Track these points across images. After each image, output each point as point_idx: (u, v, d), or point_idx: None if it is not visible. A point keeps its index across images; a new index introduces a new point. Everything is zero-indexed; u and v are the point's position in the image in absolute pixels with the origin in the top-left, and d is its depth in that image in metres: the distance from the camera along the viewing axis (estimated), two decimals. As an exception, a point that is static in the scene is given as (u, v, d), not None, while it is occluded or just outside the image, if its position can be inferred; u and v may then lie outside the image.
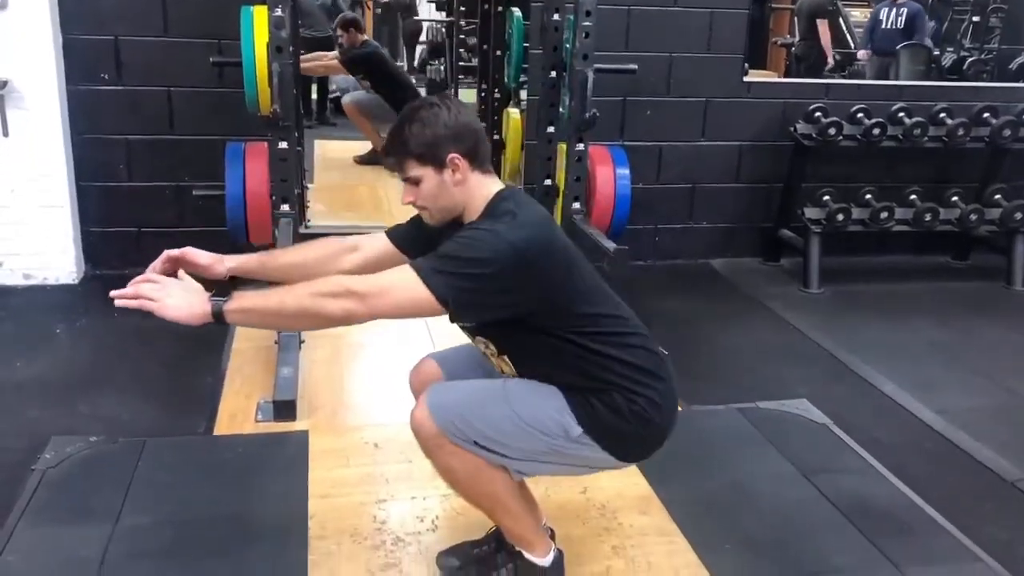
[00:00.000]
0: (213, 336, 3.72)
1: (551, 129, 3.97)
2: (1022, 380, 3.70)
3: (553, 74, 3.91)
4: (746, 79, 4.95)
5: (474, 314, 1.86)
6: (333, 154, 6.91)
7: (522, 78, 4.80)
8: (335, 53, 6.31)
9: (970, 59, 9.54)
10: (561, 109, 3.90)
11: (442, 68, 10.37)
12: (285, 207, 3.43)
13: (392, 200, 6.00)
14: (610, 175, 3.98)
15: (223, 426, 3.00)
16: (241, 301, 1.78)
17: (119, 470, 2.66)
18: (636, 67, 4.14)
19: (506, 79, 5.12)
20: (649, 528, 2.49)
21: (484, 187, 1.95)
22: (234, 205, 3.65)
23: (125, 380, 3.34)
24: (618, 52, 4.48)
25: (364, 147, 6.90)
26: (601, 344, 1.90)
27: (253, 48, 3.45)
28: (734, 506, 2.64)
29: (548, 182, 3.91)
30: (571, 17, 3.78)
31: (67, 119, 4.19)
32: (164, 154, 4.35)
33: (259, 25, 3.47)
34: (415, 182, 1.92)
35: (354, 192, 6.04)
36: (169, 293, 1.79)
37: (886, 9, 8.04)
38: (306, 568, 2.25)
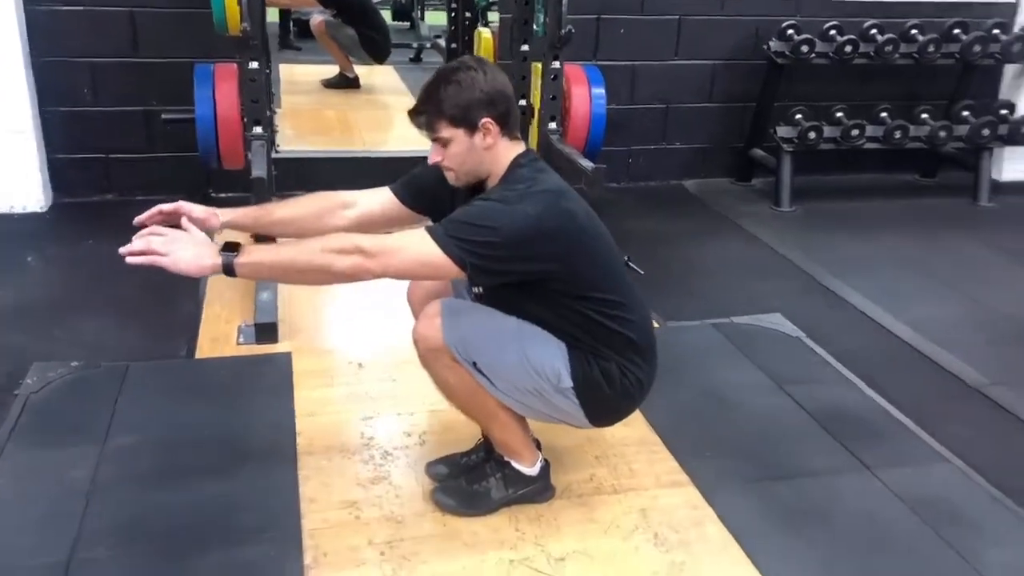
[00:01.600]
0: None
1: (525, 48, 3.92)
2: (988, 291, 3.80)
3: (526, -10, 3.85)
4: (719, -5, 4.91)
5: (489, 277, 1.90)
6: (299, 78, 6.77)
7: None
8: None
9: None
10: (535, 27, 3.84)
11: (407, -9, 10.16)
12: (258, 129, 3.37)
13: (361, 124, 5.93)
14: (585, 94, 3.95)
15: (205, 350, 3.00)
16: (251, 255, 1.80)
17: (103, 394, 2.67)
18: (610, -17, 4.09)
19: (476, -1, 5.05)
20: (631, 439, 2.56)
21: (511, 152, 1.97)
22: (204, 129, 3.59)
23: (102, 307, 3.32)
24: (591, -31, 4.42)
25: (330, 71, 6.79)
26: (606, 318, 1.96)
27: (219, -34, 3.36)
28: (712, 416, 2.72)
29: (523, 102, 3.87)
30: (544, -68, 3.71)
31: (26, 41, 4.06)
32: (130, 77, 4.25)
33: (225, -58, 3.37)
34: (444, 143, 1.95)
35: (322, 116, 5.94)
36: (179, 247, 1.78)
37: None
38: (297, 483, 2.29)
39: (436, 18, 9.48)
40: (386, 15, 9.17)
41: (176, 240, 1.80)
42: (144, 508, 2.18)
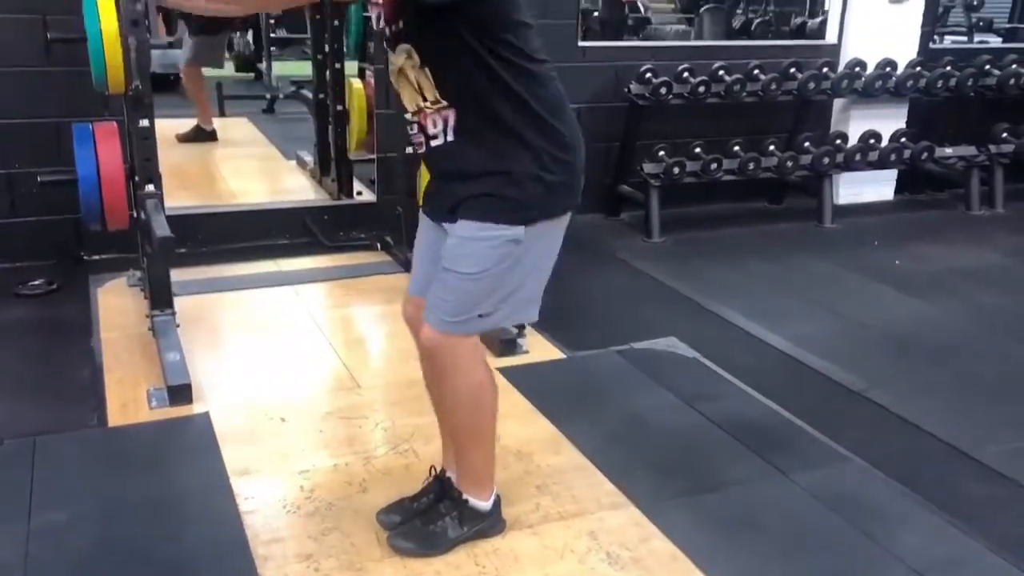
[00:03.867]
0: (72, 328, 3.56)
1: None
2: (847, 304, 4.17)
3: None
4: (580, 44, 5.19)
5: None
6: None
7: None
8: None
9: (756, 20, 10.32)
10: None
11: (250, 40, 10.05)
12: (150, 187, 3.30)
13: (229, 177, 5.85)
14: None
15: (116, 416, 2.89)
16: None
17: (15, 471, 2.53)
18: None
19: (345, 48, 5.09)
20: (565, 466, 2.66)
21: None
22: (88, 189, 3.45)
23: (-12, 382, 3.14)
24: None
25: (181, 125, 6.65)
26: (530, 86, 1.92)
27: (99, 23, 3.27)
28: (633, 437, 2.87)
29: (409, 150, 3.95)
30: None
31: None
32: (-11, 140, 4.05)
33: (103, -1, 3.29)
34: None
35: (185, 172, 5.81)
36: None
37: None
38: (246, 541, 2.26)
39: (283, 67, 9.42)
40: (228, 67, 9.07)
41: None
42: (91, 584, 2.09)
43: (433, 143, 2.01)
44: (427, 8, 1.85)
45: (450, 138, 1.98)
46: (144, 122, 3.24)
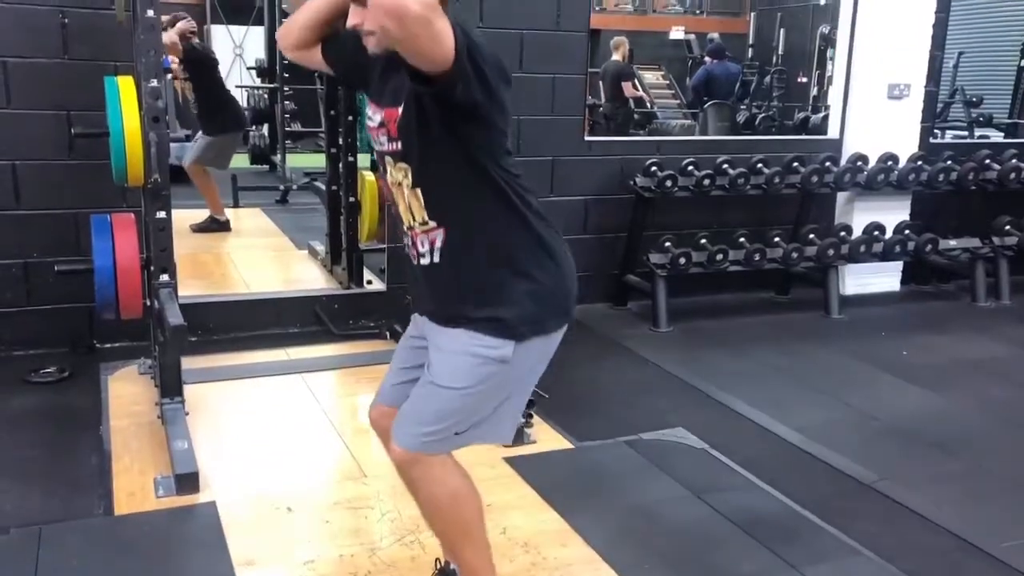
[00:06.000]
0: (82, 416, 3.58)
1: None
2: (855, 395, 4.16)
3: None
4: (587, 138, 5.32)
5: (462, 77, 1.73)
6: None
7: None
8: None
9: (760, 115, 10.58)
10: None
11: (266, 133, 10.33)
12: (165, 277, 3.37)
13: (241, 266, 5.93)
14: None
15: (123, 506, 2.88)
16: None
17: (20, 561, 2.52)
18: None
19: (359, 143, 5.23)
20: (572, 559, 2.64)
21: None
22: (104, 279, 3.51)
23: (-3, 469, 3.14)
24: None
25: (196, 216, 6.79)
26: (517, 197, 1.94)
27: (121, 119, 3.39)
28: (642, 529, 2.85)
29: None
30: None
31: (-100, 198, 3.92)
32: (10, 230, 4.14)
33: (126, 95, 3.41)
34: (363, 3, 1.91)
35: (198, 261, 5.92)
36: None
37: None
38: (250, 635, 2.23)
39: (297, 160, 9.65)
40: (243, 159, 9.30)
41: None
42: None
43: (422, 261, 2.01)
44: (439, 127, 1.86)
45: (436, 259, 1.98)
46: (161, 214, 3.32)
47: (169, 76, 6.27)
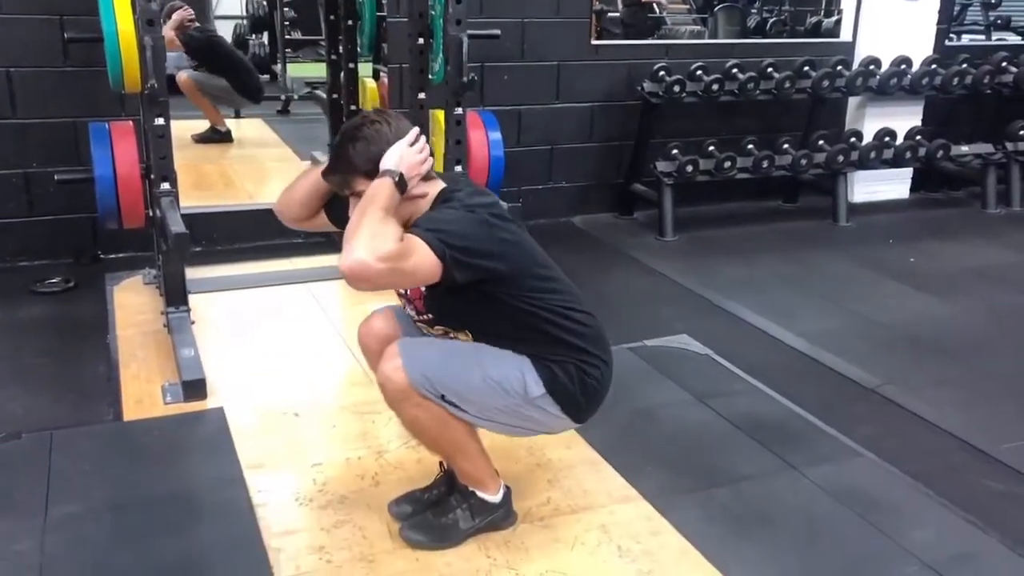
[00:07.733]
0: (89, 325, 3.60)
1: (422, 96, 4.03)
2: (861, 302, 4.15)
3: (420, 40, 3.96)
4: (593, 42, 5.19)
5: (461, 271, 1.91)
6: (169, 134, 6.64)
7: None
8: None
9: (771, 19, 10.28)
10: (430, 75, 3.96)
11: (265, 42, 10.11)
12: (166, 185, 3.33)
13: (242, 176, 5.88)
14: (483, 139, 4.08)
15: (131, 411, 2.91)
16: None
17: (32, 464, 2.56)
18: (499, 32, 4.26)
19: (359, 48, 5.11)
20: (576, 460, 2.67)
21: (429, 191, 2.07)
22: (105, 188, 3.48)
23: (7, 375, 3.17)
24: (474, 19, 4.57)
25: (199, 125, 6.70)
26: (555, 315, 2.07)
27: (115, 23, 3.30)
28: (645, 432, 2.88)
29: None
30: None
31: None
32: (8, 140, 4.09)
33: (119, -2, 3.33)
34: (351, 196, 2.03)
35: (201, 171, 5.85)
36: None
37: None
38: (259, 534, 2.28)
39: (298, 69, 9.47)
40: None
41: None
42: (106, 575, 2.11)
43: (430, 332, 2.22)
44: (455, 288, 1.96)
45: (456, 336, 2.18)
46: (159, 120, 3.26)
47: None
